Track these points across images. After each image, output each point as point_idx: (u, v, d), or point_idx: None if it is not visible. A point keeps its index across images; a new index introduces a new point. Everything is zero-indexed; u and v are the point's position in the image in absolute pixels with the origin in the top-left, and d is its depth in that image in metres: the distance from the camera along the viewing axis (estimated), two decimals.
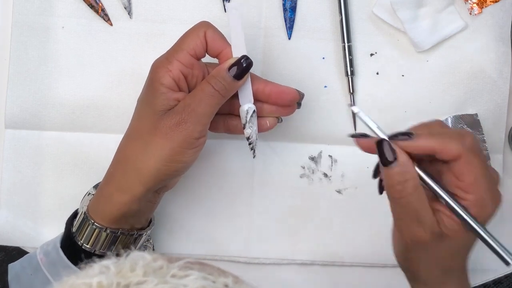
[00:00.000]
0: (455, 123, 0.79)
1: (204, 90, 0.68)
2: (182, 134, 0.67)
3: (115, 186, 0.69)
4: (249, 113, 0.70)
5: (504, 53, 0.79)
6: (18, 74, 0.80)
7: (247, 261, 0.81)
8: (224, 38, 0.69)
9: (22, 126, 0.80)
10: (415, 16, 0.78)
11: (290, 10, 0.79)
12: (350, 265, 0.81)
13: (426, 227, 0.62)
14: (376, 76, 0.80)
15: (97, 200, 0.71)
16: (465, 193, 0.62)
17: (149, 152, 0.67)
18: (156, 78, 0.68)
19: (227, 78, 0.68)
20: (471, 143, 0.62)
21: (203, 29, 0.69)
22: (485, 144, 0.79)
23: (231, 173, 0.81)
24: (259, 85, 0.71)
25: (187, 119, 0.67)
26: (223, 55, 0.69)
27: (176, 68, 0.68)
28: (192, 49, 0.68)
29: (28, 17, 0.79)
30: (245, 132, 0.71)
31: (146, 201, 0.70)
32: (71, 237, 0.71)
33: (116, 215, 0.69)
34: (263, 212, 0.81)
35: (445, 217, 0.62)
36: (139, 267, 0.44)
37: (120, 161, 0.70)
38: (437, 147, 0.61)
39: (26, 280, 0.72)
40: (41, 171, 0.80)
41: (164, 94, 0.67)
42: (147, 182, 0.68)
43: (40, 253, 0.72)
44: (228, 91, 0.68)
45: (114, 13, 0.80)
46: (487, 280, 0.82)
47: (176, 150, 0.67)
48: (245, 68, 0.69)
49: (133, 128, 0.70)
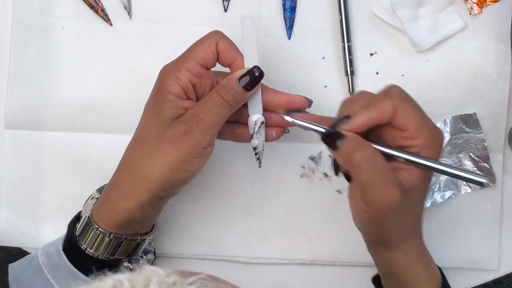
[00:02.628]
0: (454, 123, 0.79)
1: (213, 99, 0.67)
2: (189, 144, 0.66)
3: (121, 192, 0.69)
4: (257, 124, 0.70)
5: (504, 52, 0.79)
6: (18, 74, 0.80)
7: (247, 261, 0.81)
8: (236, 48, 0.69)
9: (22, 126, 0.80)
10: (415, 16, 0.78)
11: (290, 10, 0.79)
12: (350, 265, 0.81)
13: (396, 187, 0.63)
14: (376, 76, 0.80)
15: (102, 205, 0.70)
16: (412, 140, 0.64)
17: (156, 159, 0.67)
18: (164, 86, 0.67)
19: (237, 88, 0.67)
20: (397, 92, 0.64)
21: (215, 39, 0.68)
22: (484, 143, 0.80)
23: (232, 173, 0.81)
24: (268, 95, 0.70)
25: (195, 129, 0.66)
26: (235, 65, 0.69)
27: (185, 77, 0.67)
28: (202, 59, 0.67)
29: (28, 17, 0.79)
30: (252, 142, 0.70)
31: (151, 208, 0.70)
32: (73, 240, 0.71)
33: (121, 221, 0.69)
34: (263, 212, 0.81)
35: (404, 172, 0.64)
36: (153, 283, 0.44)
37: (127, 167, 0.70)
38: (375, 117, 0.63)
39: (27, 281, 0.72)
40: (41, 171, 0.80)
41: (172, 102, 0.67)
42: (154, 189, 0.68)
43: (41, 254, 0.72)
44: (237, 101, 0.68)
45: (114, 13, 0.80)
46: (487, 280, 0.82)
47: (183, 158, 0.67)
48: (256, 79, 0.68)
49: (141, 135, 0.70)
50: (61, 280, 0.70)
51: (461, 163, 0.80)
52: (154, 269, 0.45)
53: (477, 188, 0.80)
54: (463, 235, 0.81)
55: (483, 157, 0.80)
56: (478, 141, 0.79)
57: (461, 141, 0.79)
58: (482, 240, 0.81)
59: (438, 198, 0.80)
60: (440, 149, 0.65)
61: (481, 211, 0.81)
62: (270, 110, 0.71)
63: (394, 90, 0.65)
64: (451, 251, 0.81)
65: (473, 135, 0.79)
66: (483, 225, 0.81)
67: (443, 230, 0.81)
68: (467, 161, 0.80)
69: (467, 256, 0.81)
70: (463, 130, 0.79)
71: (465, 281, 0.82)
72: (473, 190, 0.80)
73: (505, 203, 0.81)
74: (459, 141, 0.79)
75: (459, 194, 0.80)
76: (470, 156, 0.80)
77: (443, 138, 0.65)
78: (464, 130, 0.79)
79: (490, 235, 0.81)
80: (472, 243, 0.81)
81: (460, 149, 0.80)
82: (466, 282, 0.82)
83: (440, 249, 0.80)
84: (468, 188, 0.80)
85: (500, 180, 0.80)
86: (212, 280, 0.47)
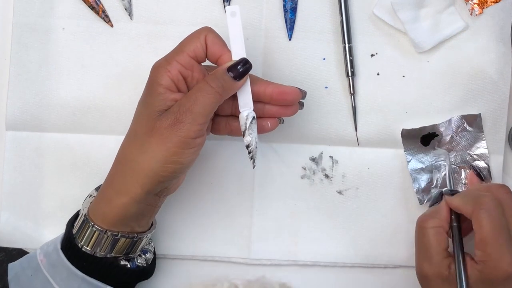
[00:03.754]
0: (459, 123, 0.80)
1: (201, 89, 0.67)
2: (177, 135, 0.66)
3: (114, 188, 0.69)
4: (248, 119, 0.69)
5: (505, 53, 0.79)
6: (19, 76, 0.80)
7: (248, 262, 0.81)
8: (224, 44, 0.69)
9: (23, 128, 0.80)
10: (416, 17, 0.78)
11: (290, 11, 0.79)
12: (352, 266, 0.81)
13: (431, 264, 0.69)
14: (377, 77, 0.80)
15: (98, 203, 0.71)
16: (476, 250, 0.67)
17: (145, 153, 0.67)
18: (154, 78, 0.68)
19: (225, 76, 0.68)
20: (485, 202, 0.68)
21: (204, 33, 0.68)
22: (484, 141, 0.80)
23: (232, 174, 0.81)
24: (260, 86, 0.71)
25: (182, 119, 0.66)
26: (222, 60, 0.69)
27: (175, 69, 0.67)
28: (192, 51, 0.68)
29: (28, 18, 0.79)
30: (244, 140, 0.70)
31: (146, 204, 0.70)
32: (71, 238, 0.71)
33: (116, 218, 0.69)
34: (264, 213, 0.81)
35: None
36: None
37: (119, 163, 0.70)
38: (460, 207, 0.71)
39: (26, 280, 0.72)
40: (42, 172, 0.80)
41: (161, 95, 0.67)
42: (145, 184, 0.68)
43: (40, 254, 0.72)
44: (226, 90, 0.68)
45: (114, 15, 0.80)
46: None
47: (172, 150, 0.66)
48: (245, 70, 0.68)
49: (131, 129, 0.70)
50: (59, 279, 0.71)
51: (461, 160, 0.80)
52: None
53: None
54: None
55: (482, 156, 0.80)
56: (478, 139, 0.80)
57: (463, 139, 0.79)
58: None
59: None
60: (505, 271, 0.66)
61: None
62: (263, 102, 0.71)
63: (485, 198, 0.69)
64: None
65: (474, 134, 0.79)
66: None
67: None
68: (467, 159, 0.80)
69: None
70: (465, 129, 0.80)
71: None
72: None
73: None
74: (460, 139, 0.79)
75: None
76: (470, 154, 0.80)
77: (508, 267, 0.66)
78: (466, 128, 0.79)
79: None
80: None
81: (461, 147, 0.80)
82: None
83: None
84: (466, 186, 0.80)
85: (500, 181, 0.80)
86: None
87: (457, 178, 0.80)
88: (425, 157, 0.80)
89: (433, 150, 0.80)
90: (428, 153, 0.80)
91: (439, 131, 0.80)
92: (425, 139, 0.80)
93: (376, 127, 0.80)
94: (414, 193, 0.80)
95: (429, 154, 0.80)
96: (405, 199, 0.80)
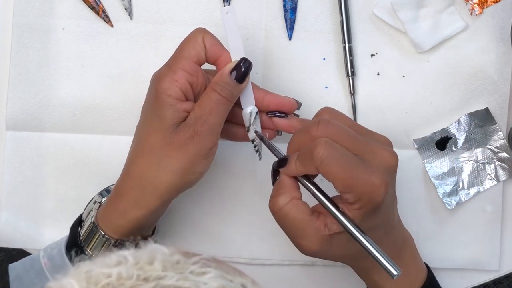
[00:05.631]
0: (468, 121, 0.79)
1: (211, 98, 0.67)
2: (197, 147, 0.67)
3: (129, 202, 0.69)
4: (252, 115, 0.70)
5: (505, 53, 0.79)
6: (19, 76, 0.80)
7: (248, 262, 0.81)
8: (221, 44, 0.69)
9: (23, 128, 0.80)
10: (416, 17, 0.78)
11: (290, 11, 0.79)
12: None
13: (309, 236, 0.66)
14: (377, 77, 0.80)
15: (109, 215, 0.70)
16: (344, 194, 0.64)
17: (165, 167, 0.67)
18: (162, 89, 0.67)
19: (231, 82, 0.67)
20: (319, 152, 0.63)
21: (201, 35, 0.68)
22: (500, 132, 0.79)
23: (233, 174, 0.81)
24: (258, 95, 0.71)
25: (201, 131, 0.66)
26: (221, 61, 0.69)
27: (182, 77, 0.67)
28: (195, 55, 0.67)
29: (28, 18, 0.79)
30: (249, 135, 0.71)
31: (160, 212, 0.71)
32: (77, 244, 0.71)
33: (131, 229, 0.69)
34: (265, 213, 0.80)
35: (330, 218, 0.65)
36: (157, 261, 0.44)
37: (133, 176, 0.69)
38: (301, 171, 0.66)
39: (28, 283, 0.72)
40: (42, 172, 0.80)
41: (172, 106, 0.66)
42: (164, 196, 0.68)
43: (44, 256, 0.72)
44: (233, 96, 0.68)
45: (114, 15, 0.80)
46: (487, 280, 0.82)
47: (192, 162, 0.67)
48: (246, 70, 0.68)
49: (144, 143, 0.69)
50: None
51: (483, 157, 0.80)
52: (158, 247, 0.46)
53: (503, 178, 0.80)
54: (464, 236, 0.81)
55: (502, 147, 0.79)
56: (493, 132, 0.79)
57: (478, 135, 0.79)
58: (483, 241, 0.81)
59: (463, 196, 0.80)
60: (372, 203, 0.64)
61: (482, 212, 0.81)
62: (260, 110, 0.71)
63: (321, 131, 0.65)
64: (451, 252, 0.81)
65: (487, 128, 0.79)
66: (484, 226, 0.81)
67: (444, 231, 0.81)
68: (487, 154, 0.80)
69: (468, 257, 0.81)
70: (478, 125, 0.79)
71: (465, 281, 0.82)
72: (498, 183, 0.80)
73: (506, 204, 0.81)
74: (475, 136, 0.79)
75: (484, 190, 0.80)
76: (489, 148, 0.79)
77: (379, 190, 0.64)
78: (478, 124, 0.79)
79: (491, 235, 0.81)
80: (473, 244, 0.81)
81: (479, 143, 0.80)
82: (466, 282, 0.82)
83: (440, 249, 0.80)
84: (493, 180, 0.80)
85: (501, 181, 0.80)
86: (214, 261, 0.47)
87: (483, 175, 0.80)
88: (444, 162, 0.80)
89: (451, 152, 0.80)
90: (446, 157, 0.80)
91: (450, 134, 0.79)
92: (441, 144, 0.80)
93: (376, 127, 0.79)
94: (414, 190, 0.80)
95: (449, 157, 0.80)
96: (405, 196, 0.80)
